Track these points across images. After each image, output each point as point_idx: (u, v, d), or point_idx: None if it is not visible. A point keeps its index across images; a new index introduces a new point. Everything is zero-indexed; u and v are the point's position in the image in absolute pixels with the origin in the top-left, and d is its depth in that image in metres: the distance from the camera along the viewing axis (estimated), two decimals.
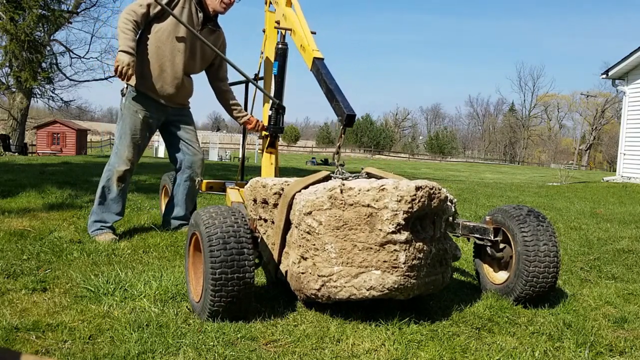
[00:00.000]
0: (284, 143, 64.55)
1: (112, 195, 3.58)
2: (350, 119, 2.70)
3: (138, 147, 3.61)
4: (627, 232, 4.98)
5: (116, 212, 3.64)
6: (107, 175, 3.56)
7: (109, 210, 3.61)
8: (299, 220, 2.29)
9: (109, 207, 3.61)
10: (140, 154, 3.69)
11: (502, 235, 2.68)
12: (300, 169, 16.43)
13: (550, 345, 2.14)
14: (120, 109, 3.60)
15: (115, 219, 3.66)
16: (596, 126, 64.57)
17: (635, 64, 13.42)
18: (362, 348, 2.02)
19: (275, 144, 3.93)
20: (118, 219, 3.69)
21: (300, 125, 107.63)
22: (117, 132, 3.62)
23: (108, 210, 3.61)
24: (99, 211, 3.60)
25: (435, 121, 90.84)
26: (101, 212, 3.60)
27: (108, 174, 3.57)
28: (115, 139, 3.67)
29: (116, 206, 3.63)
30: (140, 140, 3.61)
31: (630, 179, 13.33)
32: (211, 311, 2.13)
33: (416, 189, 2.19)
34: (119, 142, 3.57)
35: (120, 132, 3.57)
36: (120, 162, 3.55)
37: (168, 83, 3.57)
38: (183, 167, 3.81)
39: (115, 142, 3.64)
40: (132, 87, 3.52)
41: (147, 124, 3.61)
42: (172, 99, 3.65)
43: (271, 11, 3.99)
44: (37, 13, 19.22)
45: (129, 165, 3.56)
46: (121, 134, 3.56)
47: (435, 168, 34.38)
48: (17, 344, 1.91)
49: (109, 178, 3.56)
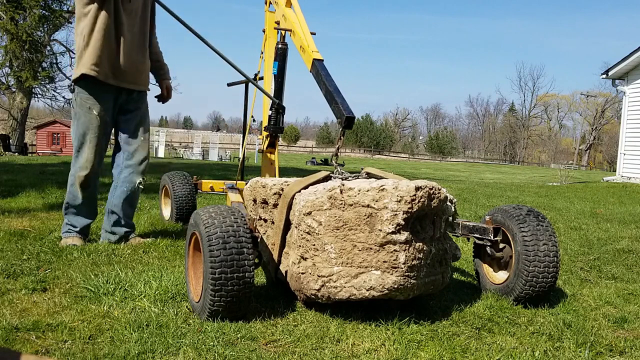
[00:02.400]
0: (284, 143, 64.54)
1: (77, 202, 3.37)
2: (350, 121, 2.71)
3: (98, 147, 3.35)
4: (627, 232, 4.98)
5: (85, 216, 3.44)
6: (70, 181, 3.36)
7: (78, 214, 3.42)
8: (298, 221, 2.29)
9: (78, 211, 3.41)
10: (103, 155, 3.43)
11: (501, 235, 2.68)
12: (300, 169, 16.44)
13: (550, 345, 2.14)
14: (73, 107, 3.35)
15: (84, 222, 3.44)
16: (596, 126, 64.58)
17: (635, 64, 13.43)
18: (362, 348, 2.02)
19: (275, 144, 3.93)
20: (88, 222, 3.47)
21: (300, 125, 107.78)
22: (73, 132, 3.35)
23: (77, 214, 3.42)
24: (68, 213, 3.41)
25: (435, 121, 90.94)
26: (70, 215, 3.41)
27: (71, 179, 3.36)
28: (73, 139, 3.38)
29: (85, 210, 3.42)
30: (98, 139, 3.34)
31: (630, 179, 13.33)
32: (211, 311, 2.13)
33: (416, 189, 2.19)
34: (76, 144, 3.33)
35: (76, 132, 3.31)
36: (81, 168, 3.32)
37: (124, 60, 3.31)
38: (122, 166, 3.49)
39: (73, 145, 3.37)
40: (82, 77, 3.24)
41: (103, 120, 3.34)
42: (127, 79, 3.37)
43: (271, 11, 4.00)
44: (38, 13, 19.23)
45: (89, 169, 3.33)
46: (78, 135, 3.31)
47: (435, 168, 34.38)
48: (17, 344, 1.91)
49: (72, 184, 3.35)
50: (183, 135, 52.51)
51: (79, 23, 3.23)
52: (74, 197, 3.37)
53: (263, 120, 3.96)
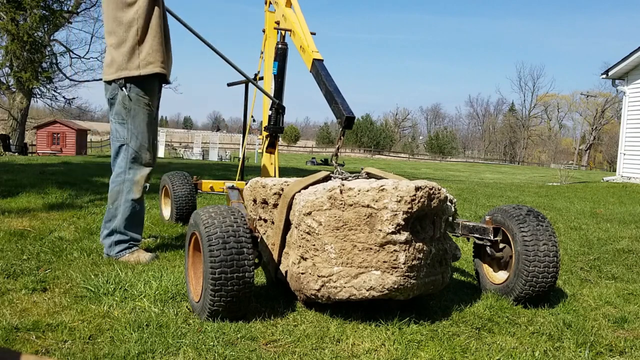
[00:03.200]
0: (284, 143, 64.54)
1: (139, 207, 3.13)
2: (350, 121, 2.71)
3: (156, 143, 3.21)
4: (627, 232, 4.98)
5: (142, 224, 3.22)
6: (128, 188, 3.08)
7: (137, 224, 3.14)
8: (298, 221, 2.29)
9: (138, 220, 3.15)
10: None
11: (501, 235, 2.68)
12: (300, 169, 16.43)
13: (550, 345, 2.14)
14: (124, 105, 3.05)
15: (141, 231, 3.21)
16: (596, 126, 64.57)
17: (635, 64, 13.43)
18: (362, 348, 2.02)
19: (275, 144, 3.93)
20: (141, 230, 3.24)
21: (300, 125, 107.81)
22: (125, 130, 3.06)
23: (136, 224, 3.13)
24: (125, 228, 3.08)
25: (435, 121, 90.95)
26: (129, 229, 3.09)
27: (128, 185, 3.08)
28: (124, 138, 3.08)
29: (143, 218, 3.21)
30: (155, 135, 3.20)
31: (630, 179, 13.33)
32: (211, 311, 2.13)
33: (416, 189, 2.19)
34: (135, 143, 3.08)
35: (133, 130, 3.07)
36: (145, 165, 3.13)
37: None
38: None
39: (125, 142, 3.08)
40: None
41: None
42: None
43: (271, 11, 4.00)
44: (39, 14, 19.24)
45: (153, 166, 3.16)
46: (139, 132, 3.08)
47: (435, 168, 34.38)
48: (17, 344, 1.91)
49: (130, 191, 3.08)
50: (183, 135, 52.53)
51: (121, 12, 2.97)
52: (139, 203, 3.12)
53: (263, 120, 3.96)
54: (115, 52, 3.03)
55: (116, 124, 3.07)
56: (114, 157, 3.13)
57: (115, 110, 3.07)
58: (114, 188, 3.11)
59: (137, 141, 3.07)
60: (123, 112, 3.05)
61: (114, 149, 3.13)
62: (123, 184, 3.09)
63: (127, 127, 3.06)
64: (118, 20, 3.00)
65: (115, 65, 3.02)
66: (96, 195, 5.58)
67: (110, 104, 3.11)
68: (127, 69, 3.02)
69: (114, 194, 3.11)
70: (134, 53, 3.01)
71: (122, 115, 3.05)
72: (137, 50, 3.01)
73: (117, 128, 3.07)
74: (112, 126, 3.11)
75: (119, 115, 3.06)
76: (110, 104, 3.11)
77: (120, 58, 3.01)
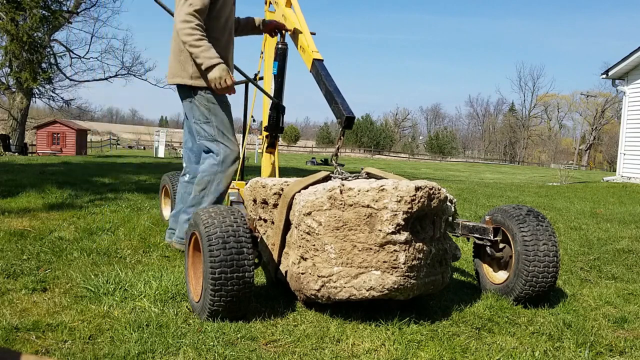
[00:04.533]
0: (284, 143, 64.53)
1: (222, 200, 3.22)
2: (350, 121, 2.71)
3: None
4: (627, 232, 4.98)
5: None
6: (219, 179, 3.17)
7: None
8: (298, 221, 2.29)
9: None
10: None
11: (501, 235, 2.68)
12: (300, 169, 16.43)
13: (550, 345, 2.14)
14: (207, 107, 3.15)
15: None
16: (596, 126, 64.57)
17: (635, 64, 13.43)
18: (362, 348, 2.02)
19: (275, 144, 3.93)
20: None
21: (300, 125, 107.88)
22: (209, 128, 3.17)
23: None
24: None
25: (435, 121, 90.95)
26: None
27: (219, 177, 3.17)
28: (212, 135, 3.17)
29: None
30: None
31: (630, 179, 13.33)
32: (211, 311, 2.13)
33: (416, 189, 2.19)
34: (221, 138, 3.16)
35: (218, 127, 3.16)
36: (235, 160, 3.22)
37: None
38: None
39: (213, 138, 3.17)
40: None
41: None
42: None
43: (271, 11, 4.00)
44: (38, 14, 19.24)
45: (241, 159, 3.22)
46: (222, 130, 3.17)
47: (435, 168, 34.37)
48: (17, 344, 1.91)
49: (220, 182, 3.18)
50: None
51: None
52: (220, 198, 3.21)
53: (263, 120, 3.95)
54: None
55: (202, 124, 3.19)
56: (203, 154, 3.26)
57: (198, 112, 3.18)
58: (205, 177, 3.21)
59: (226, 135, 3.19)
60: (206, 112, 3.17)
61: (201, 147, 3.25)
62: (215, 175, 3.19)
63: (212, 125, 3.17)
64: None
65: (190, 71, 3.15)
66: (96, 195, 5.58)
67: (190, 107, 3.21)
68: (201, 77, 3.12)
69: (204, 183, 3.21)
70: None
71: (206, 115, 3.17)
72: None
73: (204, 128, 3.19)
74: (197, 127, 3.21)
75: (203, 115, 3.18)
76: (190, 107, 3.21)
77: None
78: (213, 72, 2.94)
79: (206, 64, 2.93)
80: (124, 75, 25.02)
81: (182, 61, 3.12)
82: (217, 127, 3.18)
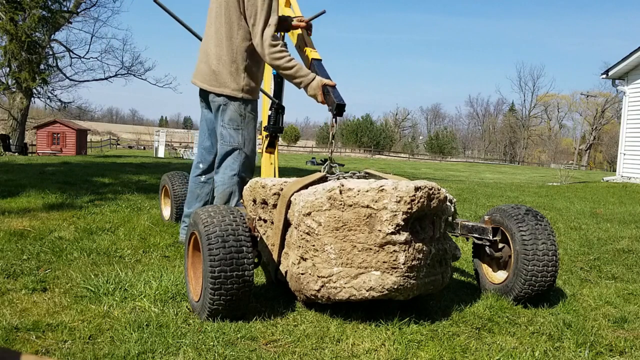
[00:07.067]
0: (284, 143, 64.54)
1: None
2: (340, 107, 2.75)
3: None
4: (627, 232, 4.98)
5: None
6: (240, 188, 3.22)
7: None
8: (298, 221, 2.29)
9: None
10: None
11: (500, 234, 2.69)
12: (300, 169, 16.43)
13: (550, 345, 2.14)
14: (240, 113, 3.24)
15: None
16: (596, 126, 64.57)
17: (635, 64, 13.43)
18: (362, 348, 2.02)
19: (275, 144, 3.93)
20: None
21: (300, 125, 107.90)
22: (237, 135, 3.25)
23: None
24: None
25: (435, 121, 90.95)
26: None
27: (234, 180, 3.24)
28: (238, 143, 3.26)
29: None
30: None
31: (630, 179, 13.33)
32: (210, 310, 2.13)
33: (415, 189, 2.19)
34: (246, 148, 3.27)
35: (245, 137, 3.27)
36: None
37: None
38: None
39: (238, 147, 3.25)
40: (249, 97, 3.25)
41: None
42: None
43: None
44: (38, 14, 19.24)
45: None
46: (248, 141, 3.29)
47: (435, 168, 34.37)
48: (17, 344, 1.91)
49: (235, 184, 3.25)
50: (183, 135, 52.55)
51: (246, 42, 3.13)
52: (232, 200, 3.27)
53: (263, 120, 3.96)
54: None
55: (230, 130, 3.24)
56: (221, 160, 3.28)
57: (229, 116, 3.23)
58: (226, 190, 3.25)
59: (249, 147, 3.28)
60: (239, 119, 3.24)
61: (222, 152, 3.27)
62: (237, 185, 3.24)
63: (241, 133, 3.24)
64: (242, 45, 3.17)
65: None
66: (96, 195, 5.59)
67: (222, 110, 3.24)
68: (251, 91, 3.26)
69: (226, 195, 3.25)
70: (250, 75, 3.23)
71: (238, 122, 3.24)
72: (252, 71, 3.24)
73: (231, 133, 3.24)
74: (224, 131, 3.24)
75: (234, 121, 3.24)
76: (222, 110, 3.24)
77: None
78: (312, 85, 2.98)
79: (305, 82, 3.00)
80: (124, 75, 25.04)
81: (234, 73, 3.17)
82: (244, 137, 3.26)
